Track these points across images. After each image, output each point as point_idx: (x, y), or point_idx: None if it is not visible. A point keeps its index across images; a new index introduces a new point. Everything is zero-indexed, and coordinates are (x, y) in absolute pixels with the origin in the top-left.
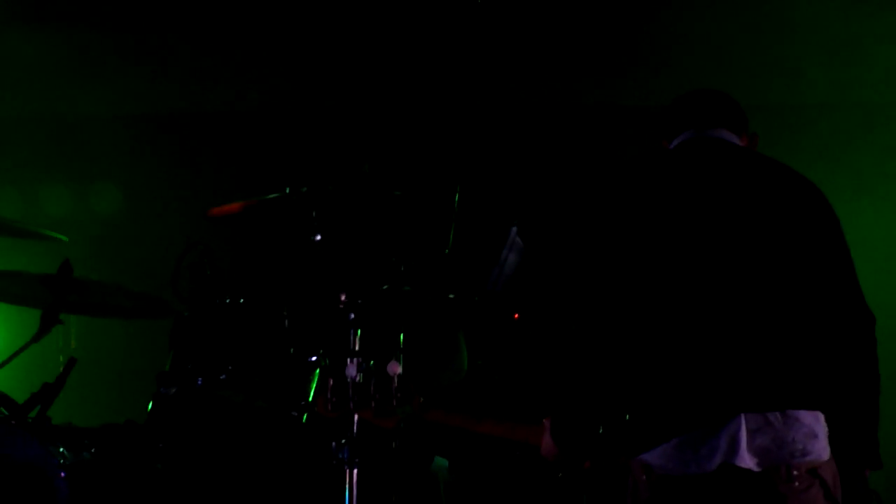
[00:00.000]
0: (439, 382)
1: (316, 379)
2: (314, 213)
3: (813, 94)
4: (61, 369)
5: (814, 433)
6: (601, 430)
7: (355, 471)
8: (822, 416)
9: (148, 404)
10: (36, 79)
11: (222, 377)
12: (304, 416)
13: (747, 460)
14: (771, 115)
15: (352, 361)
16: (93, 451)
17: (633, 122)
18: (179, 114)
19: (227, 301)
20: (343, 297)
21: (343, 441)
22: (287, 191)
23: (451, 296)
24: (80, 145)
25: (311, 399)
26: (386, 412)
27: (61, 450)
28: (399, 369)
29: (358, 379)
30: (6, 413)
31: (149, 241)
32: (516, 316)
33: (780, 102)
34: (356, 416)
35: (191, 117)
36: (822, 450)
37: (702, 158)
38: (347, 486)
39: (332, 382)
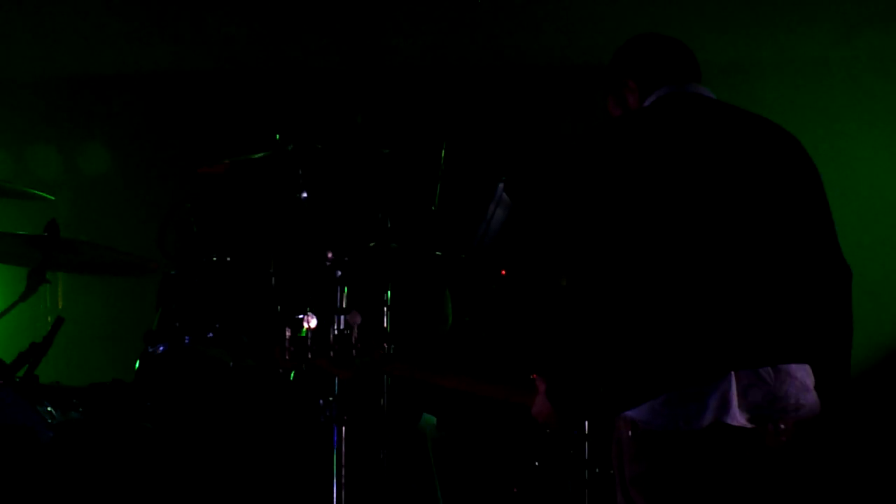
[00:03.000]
0: (416, 336)
1: (304, 335)
2: (301, 171)
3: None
4: (49, 328)
5: (805, 386)
6: (601, 391)
7: (343, 428)
8: (810, 369)
9: (135, 363)
10: (22, 40)
11: (210, 335)
12: (292, 374)
13: (739, 418)
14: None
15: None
16: (80, 409)
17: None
18: (167, 72)
19: (214, 259)
20: (330, 255)
21: (330, 398)
22: (277, 138)
23: (438, 253)
24: (66, 106)
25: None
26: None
27: (49, 409)
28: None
29: (345, 328)
30: None
31: (136, 201)
32: (503, 272)
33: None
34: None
35: (178, 76)
36: (813, 403)
37: (688, 117)
38: (336, 443)
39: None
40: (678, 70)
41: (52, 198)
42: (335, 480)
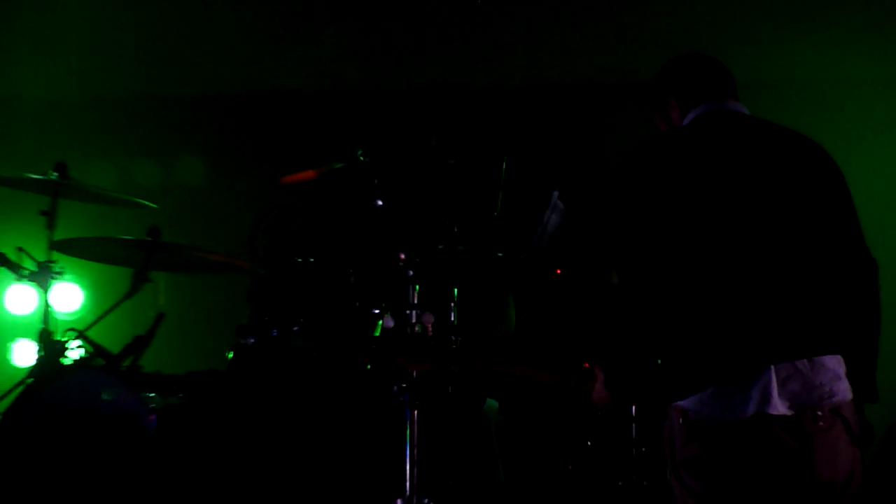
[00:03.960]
0: (485, 334)
1: (381, 329)
2: (376, 181)
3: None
4: (151, 323)
5: (838, 375)
6: (653, 381)
7: (415, 412)
8: (842, 360)
9: (229, 353)
10: (125, 61)
11: (295, 329)
12: (369, 365)
13: (779, 407)
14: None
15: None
16: (180, 395)
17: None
18: (256, 93)
19: (299, 260)
20: (402, 256)
21: (404, 385)
22: (359, 153)
23: (500, 254)
24: (166, 123)
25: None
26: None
27: (152, 395)
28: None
29: (417, 326)
30: (103, 362)
31: (228, 208)
32: (558, 272)
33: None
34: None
35: (267, 96)
36: (845, 390)
37: (726, 132)
38: (409, 426)
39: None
40: (715, 88)
41: (155, 206)
42: (408, 459)
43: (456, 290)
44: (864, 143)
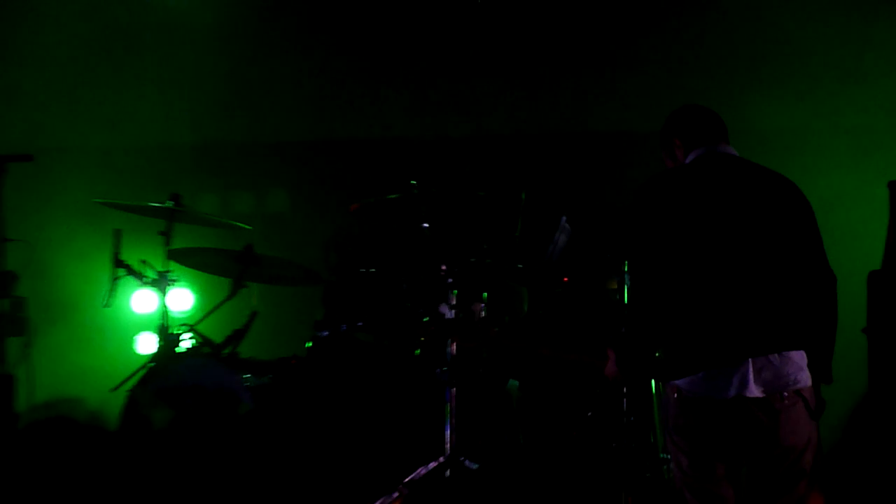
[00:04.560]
0: (508, 321)
1: (426, 326)
2: (423, 208)
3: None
4: (247, 320)
5: (800, 367)
6: (654, 364)
7: (453, 389)
8: (804, 354)
9: (307, 343)
10: (226, 111)
11: (359, 324)
12: (417, 351)
13: (755, 391)
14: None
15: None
16: (269, 376)
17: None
18: (330, 140)
19: (362, 271)
20: (444, 267)
21: (444, 368)
22: (412, 186)
23: (520, 266)
24: (257, 163)
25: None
26: (470, 338)
27: (247, 376)
28: (482, 307)
29: (455, 320)
30: (209, 350)
31: (306, 229)
32: (566, 279)
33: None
34: (452, 348)
35: (339, 142)
36: (806, 378)
37: (718, 170)
38: (448, 400)
39: (429, 320)
40: (711, 133)
41: (249, 227)
42: (448, 426)
43: (485, 293)
44: (828, 178)
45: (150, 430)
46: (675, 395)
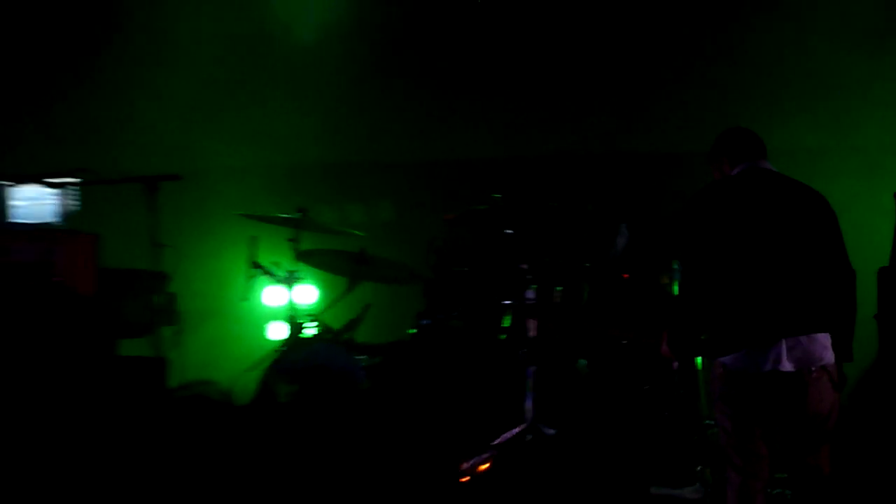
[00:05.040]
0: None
1: (509, 315)
2: (506, 217)
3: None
4: (361, 310)
5: (825, 346)
6: (700, 342)
7: (533, 367)
8: (829, 336)
9: (411, 330)
10: (343, 136)
11: (454, 314)
12: (502, 335)
13: (787, 366)
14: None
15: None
16: (380, 357)
17: (684, 164)
18: (429, 161)
19: (456, 269)
20: (524, 266)
21: (525, 349)
22: (497, 199)
23: (587, 264)
24: (369, 179)
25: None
26: (547, 323)
27: (362, 357)
28: (556, 299)
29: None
30: (330, 336)
31: (410, 235)
32: (625, 276)
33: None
34: (531, 333)
35: (436, 162)
36: (830, 356)
37: (758, 182)
38: (528, 376)
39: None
40: (753, 151)
41: (363, 234)
42: (528, 398)
43: (559, 287)
44: (842, 189)
45: (278, 403)
46: (721, 369)
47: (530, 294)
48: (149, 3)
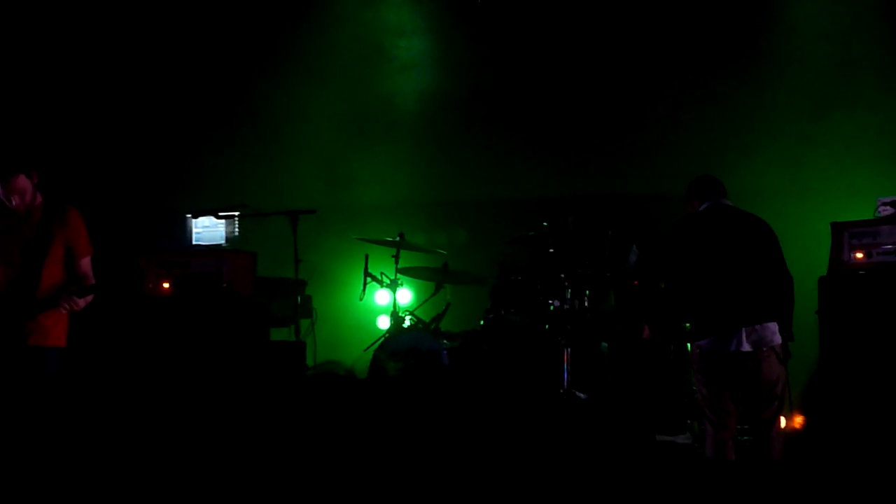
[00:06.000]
0: (600, 308)
1: (552, 308)
2: (550, 239)
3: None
4: (444, 308)
5: (774, 332)
6: (684, 330)
7: (568, 350)
8: (776, 324)
9: (480, 322)
10: (432, 179)
11: (512, 310)
12: (547, 326)
13: (747, 347)
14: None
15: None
16: (459, 342)
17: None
18: (491, 199)
19: (512, 278)
20: (562, 276)
21: (562, 337)
22: (544, 224)
23: (608, 274)
24: (449, 212)
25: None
26: (581, 318)
27: (445, 342)
28: (584, 300)
29: (569, 307)
30: (421, 326)
31: (479, 254)
32: (636, 282)
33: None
34: (568, 326)
35: (495, 201)
36: (777, 339)
37: (719, 214)
38: (566, 357)
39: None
40: (715, 192)
41: (445, 252)
42: (565, 371)
43: (587, 291)
44: (799, 218)
45: (387, 377)
46: (698, 350)
47: (567, 296)
48: (287, 84)
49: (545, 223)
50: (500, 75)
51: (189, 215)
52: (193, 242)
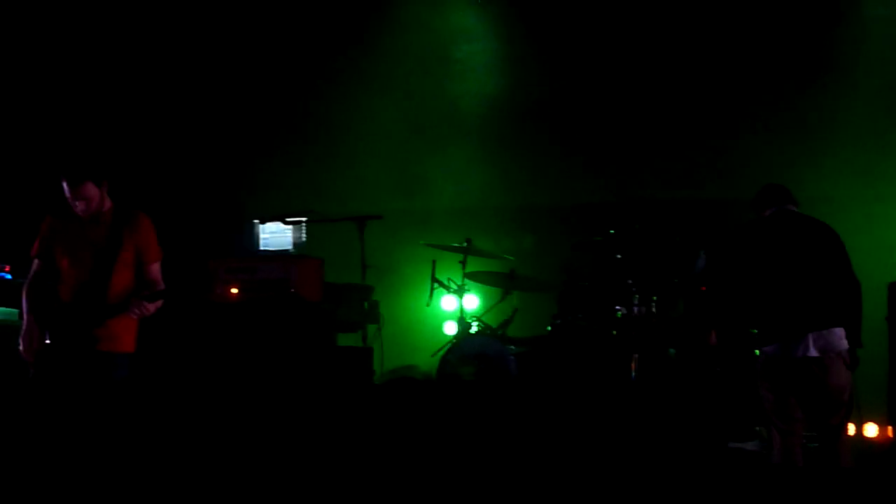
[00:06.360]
0: (668, 314)
1: (620, 315)
2: (618, 244)
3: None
4: (511, 313)
5: (841, 337)
6: (752, 336)
7: (636, 354)
8: (843, 330)
9: (548, 327)
10: (489, 186)
11: (579, 315)
12: (614, 332)
13: (813, 352)
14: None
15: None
16: (526, 348)
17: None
18: (556, 206)
19: (580, 284)
20: (630, 282)
21: (630, 343)
22: (611, 231)
23: (676, 280)
24: (516, 217)
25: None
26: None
27: (512, 347)
28: (651, 306)
29: (637, 313)
30: (489, 332)
31: (546, 259)
32: (703, 288)
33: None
34: (635, 332)
35: (561, 207)
36: (844, 344)
37: (785, 220)
38: (633, 363)
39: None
40: (781, 199)
41: (513, 258)
42: (632, 370)
43: (655, 297)
44: (871, 227)
45: (460, 382)
46: (764, 357)
47: (634, 302)
48: (354, 89)
49: (612, 230)
50: (565, 80)
51: (257, 221)
52: (261, 248)
